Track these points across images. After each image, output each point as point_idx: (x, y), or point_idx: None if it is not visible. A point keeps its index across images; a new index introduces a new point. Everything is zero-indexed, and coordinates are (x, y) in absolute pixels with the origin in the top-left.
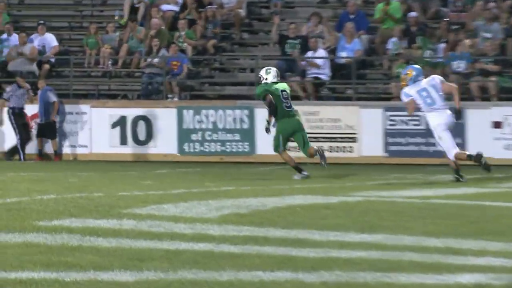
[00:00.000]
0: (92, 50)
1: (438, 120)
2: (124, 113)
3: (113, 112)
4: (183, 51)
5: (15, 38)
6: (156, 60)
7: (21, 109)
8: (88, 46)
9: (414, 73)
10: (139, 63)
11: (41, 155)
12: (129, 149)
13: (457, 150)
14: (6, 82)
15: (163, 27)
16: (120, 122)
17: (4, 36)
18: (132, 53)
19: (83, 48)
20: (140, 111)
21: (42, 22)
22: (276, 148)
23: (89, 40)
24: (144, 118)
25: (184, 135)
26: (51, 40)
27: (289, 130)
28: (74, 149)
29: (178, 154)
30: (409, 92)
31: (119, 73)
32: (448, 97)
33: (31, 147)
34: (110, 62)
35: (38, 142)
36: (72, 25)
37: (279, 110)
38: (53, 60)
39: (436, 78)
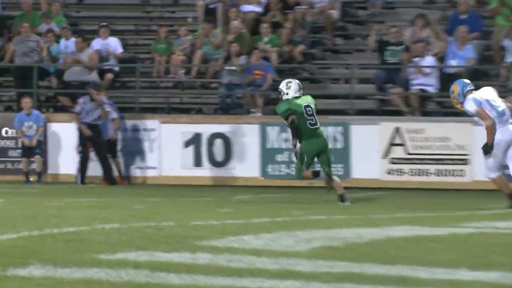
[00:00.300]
0: (161, 57)
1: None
2: (198, 130)
3: (186, 129)
4: (266, 58)
5: (73, 43)
6: (235, 68)
7: (95, 125)
8: (157, 52)
9: (459, 88)
10: (216, 72)
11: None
12: (204, 172)
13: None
14: (64, 94)
15: (243, 31)
16: (194, 141)
17: (62, 41)
18: (208, 60)
19: (151, 55)
20: (217, 128)
21: (104, 24)
22: (298, 175)
23: (158, 45)
24: (221, 136)
25: (268, 155)
26: (115, 45)
27: (314, 150)
28: (141, 171)
29: (261, 178)
30: (478, 98)
31: (193, 84)
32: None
33: (94, 169)
34: (182, 71)
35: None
36: (138, 29)
37: (303, 129)
38: (117, 68)
39: (492, 90)
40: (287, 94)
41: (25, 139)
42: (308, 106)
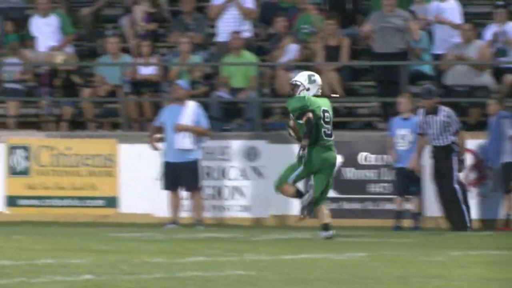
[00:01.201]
0: None
1: None
2: None
3: None
4: None
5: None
6: None
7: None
8: None
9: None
10: None
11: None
12: None
13: None
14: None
15: None
16: None
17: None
18: None
19: None
20: None
21: (501, 4)
22: (279, 184)
23: None
24: None
25: None
26: None
27: (316, 167)
28: None
29: None
30: None
31: None
32: None
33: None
34: None
35: None
36: None
37: (315, 135)
38: None
39: None
40: (308, 89)
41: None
42: (327, 111)
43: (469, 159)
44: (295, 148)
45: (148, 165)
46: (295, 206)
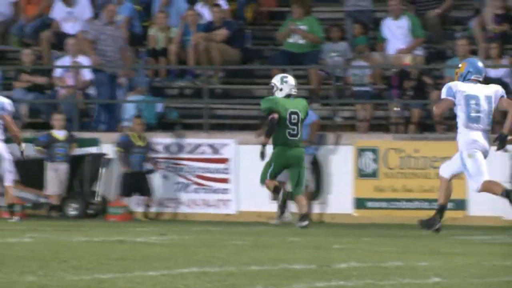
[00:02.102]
0: None
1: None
2: None
3: None
4: None
5: None
6: None
7: None
8: None
9: (466, 68)
10: None
11: None
12: None
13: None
14: None
15: None
16: None
17: None
18: None
19: None
20: None
21: None
22: (262, 180)
23: None
24: None
25: None
26: None
27: (282, 163)
28: None
29: None
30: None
31: None
32: None
33: None
34: None
35: None
36: None
37: (280, 136)
38: None
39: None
40: (280, 90)
41: None
42: (295, 113)
43: None
44: None
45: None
46: None
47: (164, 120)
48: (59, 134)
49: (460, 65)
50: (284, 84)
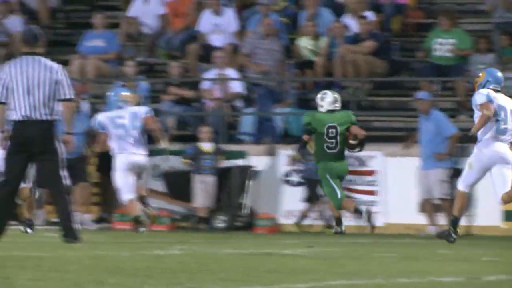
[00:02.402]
0: None
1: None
2: None
3: None
4: None
5: None
6: None
7: None
8: None
9: (485, 78)
10: None
11: None
12: None
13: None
14: None
15: None
16: None
17: None
18: None
19: None
20: None
21: None
22: (333, 198)
23: None
24: None
25: None
26: None
27: (335, 174)
28: None
29: None
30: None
31: None
32: None
33: None
34: None
35: None
36: None
37: (318, 149)
38: None
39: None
40: (321, 106)
41: None
42: (333, 127)
43: None
44: None
45: None
46: None
47: None
48: (207, 146)
49: (480, 75)
50: (323, 101)
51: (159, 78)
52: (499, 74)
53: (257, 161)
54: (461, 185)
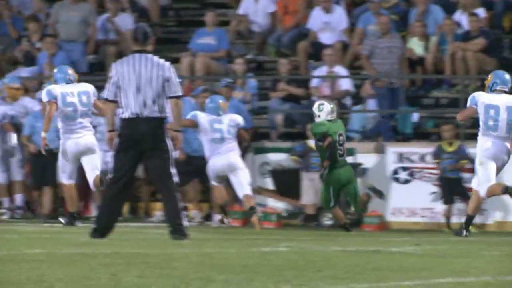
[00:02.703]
0: None
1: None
2: None
3: None
4: None
5: None
6: None
7: None
8: None
9: (492, 79)
10: None
11: None
12: None
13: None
14: None
15: None
16: None
17: None
18: None
19: None
20: None
21: None
22: (327, 203)
23: None
24: None
25: None
26: None
27: (342, 182)
28: None
29: None
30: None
31: None
32: None
33: None
34: None
35: None
36: None
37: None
38: None
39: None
40: (319, 116)
41: None
42: (341, 134)
43: None
44: None
45: None
46: None
47: (420, 130)
48: (312, 144)
49: (488, 77)
50: (320, 111)
51: (268, 75)
52: (507, 76)
53: (366, 158)
54: (476, 184)
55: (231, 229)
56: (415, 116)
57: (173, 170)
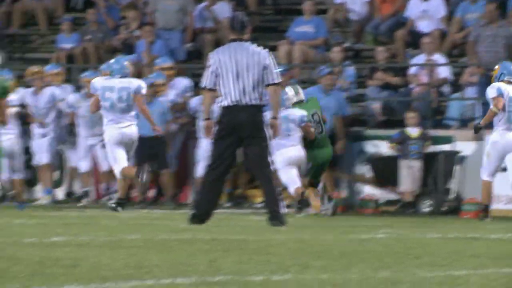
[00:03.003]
0: None
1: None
2: None
3: None
4: None
5: None
6: None
7: None
8: None
9: (499, 71)
10: None
11: None
12: None
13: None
14: None
15: None
16: None
17: None
18: None
19: None
20: None
21: None
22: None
23: None
24: None
25: None
26: None
27: (318, 162)
28: None
29: None
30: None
31: None
32: None
33: None
34: None
35: None
36: None
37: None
38: None
39: None
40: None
41: None
42: (315, 113)
43: None
44: None
45: None
46: None
47: None
48: (413, 131)
49: (495, 67)
50: (286, 96)
51: (365, 63)
52: None
53: (464, 146)
54: (484, 174)
55: (329, 217)
56: None
57: (271, 158)
